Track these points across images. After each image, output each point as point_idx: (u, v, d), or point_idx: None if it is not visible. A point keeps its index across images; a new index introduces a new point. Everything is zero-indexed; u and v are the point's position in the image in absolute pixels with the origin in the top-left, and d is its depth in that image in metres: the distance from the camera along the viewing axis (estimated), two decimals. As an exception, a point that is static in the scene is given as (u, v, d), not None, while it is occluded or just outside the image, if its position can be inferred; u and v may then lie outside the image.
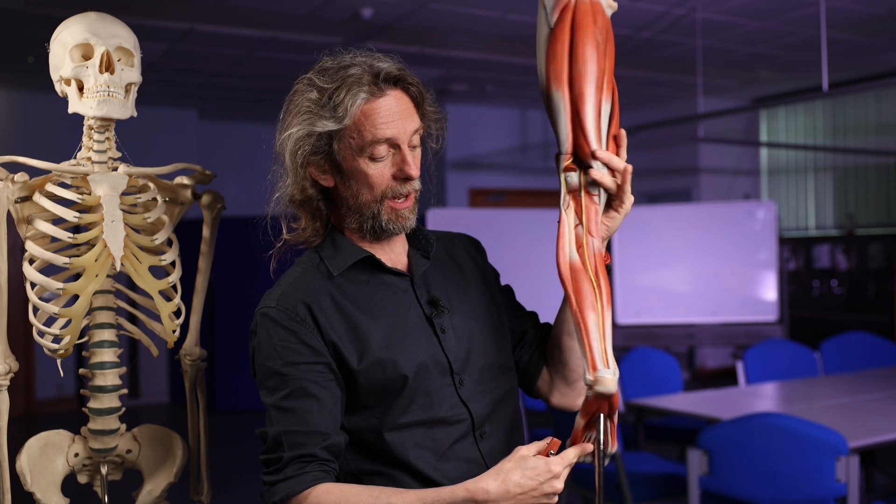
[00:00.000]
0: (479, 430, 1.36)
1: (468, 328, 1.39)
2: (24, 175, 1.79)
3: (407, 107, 1.33)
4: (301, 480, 1.24)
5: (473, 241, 1.56)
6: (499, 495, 1.19)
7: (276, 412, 1.29)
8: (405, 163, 1.32)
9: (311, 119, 1.32)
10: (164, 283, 1.87)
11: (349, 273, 1.36)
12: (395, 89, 1.33)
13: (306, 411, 1.27)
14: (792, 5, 5.39)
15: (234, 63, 6.59)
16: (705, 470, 2.82)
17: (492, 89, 7.91)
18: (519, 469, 1.20)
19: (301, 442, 1.26)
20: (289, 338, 1.30)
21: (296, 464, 1.25)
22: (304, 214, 1.40)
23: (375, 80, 1.31)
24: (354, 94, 1.30)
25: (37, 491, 1.84)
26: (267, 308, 1.33)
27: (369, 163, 1.32)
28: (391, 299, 1.36)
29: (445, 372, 1.35)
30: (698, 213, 7.08)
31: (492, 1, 5.19)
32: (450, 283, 1.43)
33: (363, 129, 1.30)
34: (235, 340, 7.31)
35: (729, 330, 6.69)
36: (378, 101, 1.31)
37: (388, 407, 1.31)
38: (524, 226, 6.69)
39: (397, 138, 1.31)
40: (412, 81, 1.35)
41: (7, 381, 1.79)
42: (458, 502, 1.20)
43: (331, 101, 1.31)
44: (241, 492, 4.78)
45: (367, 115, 1.30)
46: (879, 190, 7.89)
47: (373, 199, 1.33)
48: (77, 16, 1.85)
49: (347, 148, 1.32)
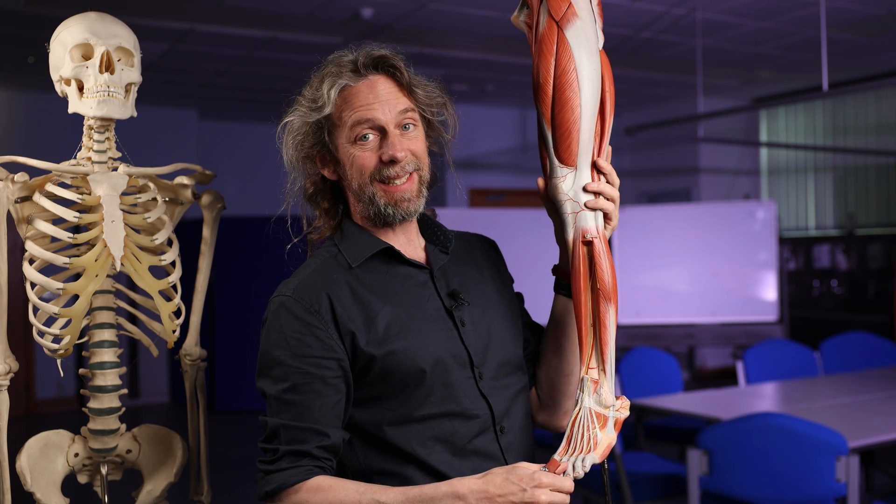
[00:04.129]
0: (499, 424, 1.36)
1: (487, 323, 1.39)
2: (24, 175, 1.79)
3: (390, 89, 1.35)
4: (294, 474, 1.25)
5: (491, 243, 1.57)
6: (478, 492, 1.19)
7: (277, 403, 1.28)
8: (389, 144, 1.33)
9: (302, 112, 1.36)
10: (164, 283, 1.87)
11: (367, 264, 1.36)
12: (376, 74, 1.35)
13: (307, 407, 1.27)
14: (792, 5, 5.39)
15: (234, 63, 6.58)
16: (705, 470, 2.82)
17: (492, 89, 7.91)
18: (504, 473, 1.20)
19: (298, 438, 1.26)
20: (301, 329, 1.29)
21: (290, 457, 1.26)
22: (319, 209, 1.42)
23: (355, 66, 1.34)
24: (333, 81, 1.33)
25: (37, 491, 1.84)
26: (283, 297, 1.32)
27: (356, 147, 1.34)
28: (410, 291, 1.36)
29: (465, 365, 1.34)
30: (698, 213, 7.08)
31: (492, 1, 5.19)
32: (468, 279, 1.43)
33: (343, 114, 1.34)
34: (235, 340, 7.31)
35: (729, 330, 6.69)
36: (357, 85, 1.33)
37: (405, 398, 1.30)
38: (524, 226, 6.69)
39: (379, 120, 1.32)
40: (395, 64, 1.35)
41: (7, 381, 1.79)
42: (439, 497, 1.20)
43: (317, 93, 1.35)
44: (241, 492, 4.78)
45: (346, 99, 1.34)
46: (879, 190, 7.89)
47: (364, 183, 1.35)
48: (77, 16, 1.85)
49: (337, 137, 1.35)
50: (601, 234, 1.29)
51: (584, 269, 1.29)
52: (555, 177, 1.29)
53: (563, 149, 1.27)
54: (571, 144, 1.26)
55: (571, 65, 1.24)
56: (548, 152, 1.29)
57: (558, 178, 1.28)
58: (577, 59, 1.24)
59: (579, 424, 1.24)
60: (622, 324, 6.67)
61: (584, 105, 1.25)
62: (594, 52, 1.27)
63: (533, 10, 1.28)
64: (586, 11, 1.26)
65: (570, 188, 1.28)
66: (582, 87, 1.25)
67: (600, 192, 1.29)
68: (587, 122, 1.26)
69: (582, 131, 1.26)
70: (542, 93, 1.26)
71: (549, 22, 1.25)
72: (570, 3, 1.25)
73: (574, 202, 1.28)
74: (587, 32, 1.25)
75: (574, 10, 1.24)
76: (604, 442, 1.22)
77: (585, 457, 1.20)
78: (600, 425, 1.24)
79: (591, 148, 1.28)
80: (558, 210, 1.31)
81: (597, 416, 1.24)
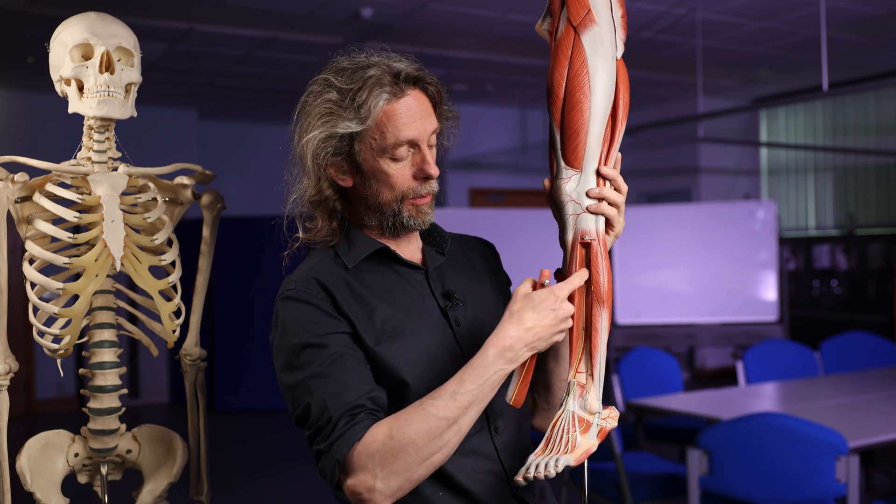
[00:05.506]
0: (494, 424, 1.36)
1: (482, 323, 1.39)
2: (24, 175, 1.79)
3: (426, 107, 1.35)
4: (355, 431, 1.22)
5: (489, 245, 1.57)
6: (521, 334, 1.21)
7: (313, 381, 1.26)
8: (426, 162, 1.33)
9: (332, 121, 1.32)
10: (164, 283, 1.87)
11: (364, 265, 1.37)
12: (414, 89, 1.34)
13: (343, 372, 1.26)
14: (792, 5, 5.39)
15: (234, 63, 6.59)
16: (705, 470, 2.82)
17: (492, 89, 7.91)
18: (528, 305, 1.23)
19: (346, 400, 1.24)
20: (312, 311, 1.29)
21: (346, 418, 1.23)
22: (320, 214, 1.40)
23: (396, 80, 1.32)
24: (377, 94, 1.30)
25: (37, 491, 1.84)
26: (287, 291, 1.33)
27: (390, 163, 1.32)
28: (406, 290, 1.37)
29: (460, 364, 1.33)
30: (698, 213, 7.08)
31: (492, 1, 5.19)
32: (464, 280, 1.44)
33: (385, 131, 1.31)
34: (235, 340, 7.31)
35: (729, 330, 6.69)
36: (399, 101, 1.31)
37: (401, 396, 1.30)
38: (524, 226, 6.70)
39: (418, 139, 1.32)
40: (430, 81, 1.36)
41: (7, 381, 1.79)
42: (489, 362, 1.22)
43: (353, 103, 1.30)
44: (242, 492, 4.78)
45: (390, 116, 1.31)
46: (879, 190, 7.89)
47: (393, 199, 1.34)
48: (77, 16, 1.85)
49: (369, 149, 1.32)
50: (601, 238, 1.29)
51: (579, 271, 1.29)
52: (560, 178, 1.29)
53: (570, 150, 1.27)
54: (578, 147, 1.27)
55: (584, 69, 1.25)
56: (555, 153, 1.30)
57: (563, 180, 1.29)
58: (590, 64, 1.26)
59: (560, 426, 1.24)
60: (622, 324, 6.67)
61: (595, 109, 1.26)
62: (610, 59, 1.28)
63: (555, 17, 1.30)
64: (605, 19, 1.27)
65: (574, 190, 1.29)
66: (594, 92, 1.26)
67: (603, 198, 1.29)
68: (596, 127, 1.27)
69: (590, 135, 1.27)
70: (554, 94, 1.27)
71: (567, 26, 1.27)
72: (588, 9, 1.26)
73: (576, 204, 1.29)
74: (604, 39, 1.27)
75: (592, 17, 1.26)
76: (582, 446, 1.21)
77: (560, 457, 1.19)
78: (581, 430, 1.23)
79: (599, 152, 1.29)
80: (560, 211, 1.31)
81: (579, 421, 1.23)
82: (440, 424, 1.20)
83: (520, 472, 1.22)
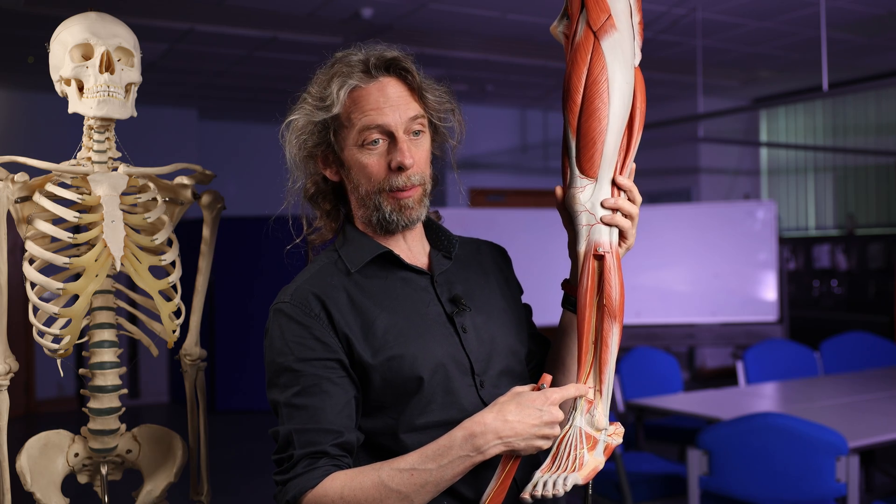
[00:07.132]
0: None
1: (490, 330, 1.36)
2: (24, 175, 1.79)
3: (400, 93, 1.31)
4: (311, 476, 1.21)
5: (500, 250, 1.54)
6: (497, 426, 1.17)
7: (286, 410, 1.26)
8: (398, 151, 1.29)
9: (308, 109, 1.33)
10: (164, 283, 1.87)
11: (367, 269, 1.34)
12: (387, 76, 1.31)
13: (318, 409, 1.24)
14: (792, 5, 5.39)
15: (234, 63, 6.59)
16: (705, 470, 2.82)
17: (492, 89, 7.91)
18: (514, 400, 1.19)
19: (312, 440, 1.23)
20: (302, 333, 1.27)
21: (306, 460, 1.22)
22: (320, 211, 1.39)
23: (366, 66, 1.30)
24: (343, 81, 1.29)
25: (37, 491, 1.83)
26: (281, 304, 1.31)
27: (364, 152, 1.30)
28: (410, 296, 1.34)
29: (466, 372, 1.31)
30: (698, 213, 7.08)
31: (492, 1, 5.19)
32: (473, 285, 1.40)
33: (352, 116, 1.30)
34: (235, 340, 7.31)
35: (729, 330, 6.69)
36: (367, 87, 1.30)
37: (405, 406, 1.27)
38: (524, 226, 6.70)
39: (389, 125, 1.29)
40: (407, 67, 1.32)
41: (7, 381, 1.79)
42: (457, 444, 1.18)
43: (325, 91, 1.31)
44: (242, 492, 4.78)
45: (356, 101, 1.30)
46: (879, 190, 7.89)
47: (372, 191, 1.32)
48: (77, 16, 1.85)
49: (344, 138, 1.32)
50: (614, 251, 1.26)
51: (591, 284, 1.25)
52: (574, 187, 1.26)
53: (586, 159, 1.24)
54: (595, 155, 1.23)
55: (604, 75, 1.22)
56: (570, 161, 1.26)
57: (577, 189, 1.25)
58: (609, 71, 1.22)
59: (567, 443, 1.21)
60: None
61: (612, 117, 1.23)
62: (629, 66, 1.25)
63: (572, 19, 1.26)
64: (625, 25, 1.24)
65: (588, 200, 1.25)
66: (612, 99, 1.23)
67: (618, 209, 1.26)
68: (613, 135, 1.24)
69: (607, 143, 1.23)
70: (571, 100, 1.24)
71: (586, 31, 1.23)
72: (609, 14, 1.22)
73: (590, 214, 1.25)
74: (624, 46, 1.24)
75: (613, 22, 1.23)
76: (590, 464, 1.19)
77: (568, 476, 1.17)
78: (589, 447, 1.20)
79: (615, 162, 1.26)
80: (573, 221, 1.28)
81: (586, 437, 1.21)
82: (391, 497, 1.19)
83: (526, 489, 1.19)
